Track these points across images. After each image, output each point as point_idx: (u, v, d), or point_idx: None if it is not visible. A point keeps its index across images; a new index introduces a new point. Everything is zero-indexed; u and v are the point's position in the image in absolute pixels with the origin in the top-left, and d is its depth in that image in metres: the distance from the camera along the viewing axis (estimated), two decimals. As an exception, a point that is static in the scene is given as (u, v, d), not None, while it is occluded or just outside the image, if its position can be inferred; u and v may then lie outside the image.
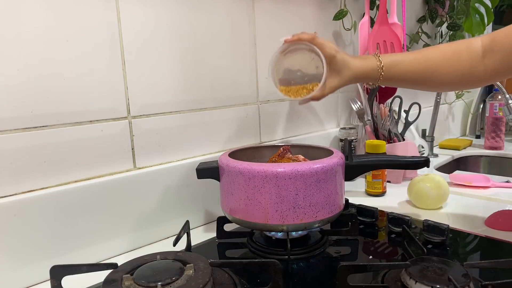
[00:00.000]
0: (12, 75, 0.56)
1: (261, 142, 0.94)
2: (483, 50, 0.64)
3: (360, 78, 0.70)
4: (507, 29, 0.62)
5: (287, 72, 0.71)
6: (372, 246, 0.69)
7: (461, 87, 0.77)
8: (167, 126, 0.75)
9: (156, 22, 0.72)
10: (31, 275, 0.59)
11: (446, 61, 0.67)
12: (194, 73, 0.79)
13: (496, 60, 0.63)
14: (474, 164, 1.50)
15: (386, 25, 1.05)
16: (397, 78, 0.70)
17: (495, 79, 0.67)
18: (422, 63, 0.68)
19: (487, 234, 0.71)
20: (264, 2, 0.90)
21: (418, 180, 0.87)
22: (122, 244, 0.70)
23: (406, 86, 0.75)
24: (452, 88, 0.75)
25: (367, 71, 0.68)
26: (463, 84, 0.70)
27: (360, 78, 0.69)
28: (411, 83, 0.71)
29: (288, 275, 0.59)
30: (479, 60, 0.65)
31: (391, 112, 1.09)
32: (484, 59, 0.64)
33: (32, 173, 0.59)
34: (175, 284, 0.46)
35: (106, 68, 0.66)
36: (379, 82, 0.69)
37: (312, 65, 0.68)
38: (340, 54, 0.66)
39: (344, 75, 0.67)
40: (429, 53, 0.69)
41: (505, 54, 0.62)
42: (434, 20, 1.46)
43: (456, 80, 0.68)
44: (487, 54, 0.64)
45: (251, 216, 0.63)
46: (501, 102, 1.45)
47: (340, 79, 0.68)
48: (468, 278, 0.48)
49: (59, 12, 0.60)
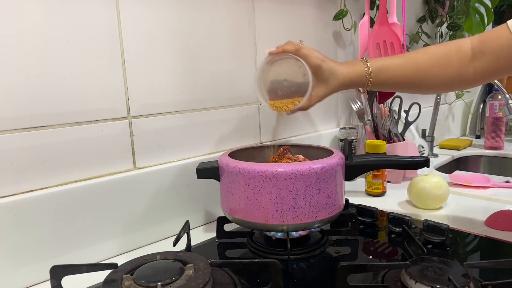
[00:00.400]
0: (12, 75, 0.56)
1: (261, 142, 0.94)
2: (472, 52, 0.64)
3: (348, 85, 0.69)
4: (497, 30, 0.62)
5: (274, 82, 0.70)
6: (372, 246, 0.69)
7: (451, 90, 0.77)
8: (167, 126, 0.75)
9: (156, 22, 0.72)
10: (31, 275, 0.59)
11: (436, 65, 0.66)
12: (194, 73, 0.79)
13: (485, 62, 0.63)
14: (474, 164, 1.50)
15: (386, 25, 1.05)
16: (386, 84, 0.69)
17: (484, 80, 0.68)
18: (412, 68, 0.67)
19: (487, 234, 0.71)
20: (264, 2, 0.90)
21: (418, 180, 0.87)
22: (122, 244, 0.70)
23: (396, 90, 0.75)
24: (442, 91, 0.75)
25: (355, 78, 0.67)
26: (453, 86, 0.70)
27: (348, 85, 0.68)
28: (401, 88, 0.71)
29: (288, 275, 0.59)
30: (468, 62, 0.64)
31: (391, 112, 1.09)
32: (474, 61, 0.64)
33: (32, 173, 0.59)
34: (175, 284, 0.46)
35: (106, 68, 0.66)
36: (368, 87, 0.68)
37: (299, 73, 0.67)
38: (326, 63, 0.65)
39: (330, 83, 0.66)
40: (418, 56, 0.68)
41: (495, 56, 0.62)
42: (434, 20, 1.46)
43: (445, 84, 0.68)
44: (477, 56, 0.64)
45: (251, 216, 0.63)
46: (501, 102, 1.45)
47: (327, 88, 0.67)
48: (468, 278, 0.48)
49: (59, 12, 0.60)
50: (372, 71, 0.67)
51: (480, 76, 0.65)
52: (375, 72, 0.67)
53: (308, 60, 0.65)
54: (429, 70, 0.66)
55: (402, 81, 0.68)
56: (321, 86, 0.67)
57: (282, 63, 0.69)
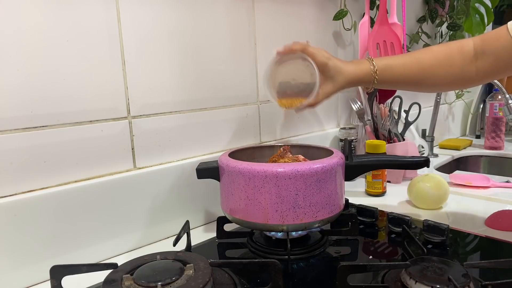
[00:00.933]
0: (12, 75, 0.56)
1: (261, 142, 0.94)
2: (474, 52, 0.65)
3: (354, 83, 0.70)
4: (498, 31, 0.63)
5: (282, 84, 0.72)
6: (372, 246, 0.69)
7: (454, 88, 0.78)
8: (167, 126, 0.75)
9: (156, 22, 0.72)
10: (31, 275, 0.59)
11: (439, 64, 0.67)
12: (194, 73, 0.79)
13: (487, 62, 0.64)
14: (474, 164, 1.50)
15: (386, 25, 1.05)
16: (391, 81, 0.70)
17: (486, 80, 0.69)
18: (415, 66, 0.68)
19: (487, 234, 0.71)
20: (264, 2, 0.90)
21: (418, 180, 0.87)
22: (122, 244, 0.70)
23: (400, 88, 0.76)
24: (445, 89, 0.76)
25: (361, 76, 0.68)
26: (456, 85, 0.72)
27: (354, 82, 0.70)
28: (405, 86, 0.72)
29: (288, 275, 0.59)
30: (470, 62, 0.65)
31: (391, 112, 1.09)
32: (476, 61, 0.65)
33: (32, 173, 0.59)
34: (175, 284, 0.46)
35: (106, 67, 0.66)
36: (374, 85, 0.69)
37: (306, 73, 0.69)
38: (332, 61, 0.67)
39: (337, 80, 0.68)
40: (422, 55, 0.70)
41: (496, 57, 0.63)
42: (434, 20, 1.46)
43: (448, 82, 0.69)
44: (479, 56, 0.65)
45: (251, 216, 0.63)
46: (501, 102, 1.45)
47: (334, 85, 0.68)
48: (468, 278, 0.48)
49: (59, 12, 0.60)
50: (378, 69, 0.68)
51: (482, 75, 0.66)
52: (381, 70, 0.68)
53: (315, 58, 0.66)
54: (432, 68, 0.68)
55: (406, 79, 0.69)
56: (328, 83, 0.68)
57: (290, 64, 0.70)
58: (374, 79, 0.68)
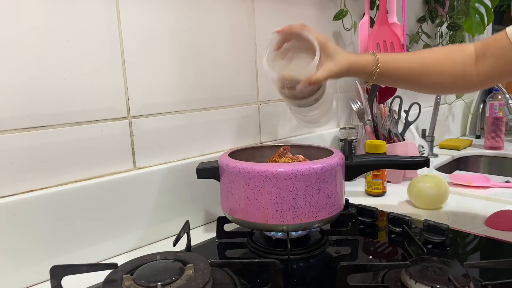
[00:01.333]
0: (12, 75, 0.56)
1: (261, 142, 0.94)
2: (476, 55, 0.66)
3: (356, 68, 0.69)
4: (498, 34, 0.64)
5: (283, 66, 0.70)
6: (372, 246, 0.69)
7: (455, 90, 0.78)
8: (167, 126, 0.75)
9: (156, 22, 0.72)
10: (31, 275, 0.59)
11: (441, 61, 0.68)
12: (194, 73, 0.79)
13: (488, 65, 0.64)
14: (474, 164, 1.50)
15: (386, 25, 1.05)
16: (392, 75, 0.70)
17: (488, 83, 0.69)
18: (417, 62, 0.69)
19: (487, 234, 0.71)
20: (264, 2, 0.90)
21: (418, 180, 0.87)
22: (122, 244, 0.70)
23: (400, 85, 0.75)
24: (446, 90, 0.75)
25: (363, 63, 0.68)
26: (457, 86, 0.71)
27: (355, 67, 0.69)
28: (406, 82, 0.71)
29: (288, 275, 0.59)
30: (472, 63, 0.66)
31: (391, 112, 1.09)
32: (477, 64, 0.65)
33: (32, 173, 0.59)
34: (175, 284, 0.46)
35: (106, 68, 0.66)
36: (374, 78, 0.69)
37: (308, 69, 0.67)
38: (331, 42, 0.67)
39: (338, 60, 0.67)
40: (424, 53, 0.71)
41: (496, 58, 0.63)
42: (434, 20, 1.46)
43: (449, 81, 0.68)
44: (480, 59, 0.65)
45: (251, 216, 0.63)
46: (501, 102, 1.45)
47: (336, 64, 0.67)
48: (468, 278, 0.48)
49: (59, 12, 0.60)
50: (380, 60, 0.68)
51: (484, 78, 0.66)
52: (383, 61, 0.68)
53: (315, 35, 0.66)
54: (435, 66, 0.68)
55: (407, 74, 0.69)
56: (330, 61, 0.67)
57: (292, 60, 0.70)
58: (375, 70, 0.68)
